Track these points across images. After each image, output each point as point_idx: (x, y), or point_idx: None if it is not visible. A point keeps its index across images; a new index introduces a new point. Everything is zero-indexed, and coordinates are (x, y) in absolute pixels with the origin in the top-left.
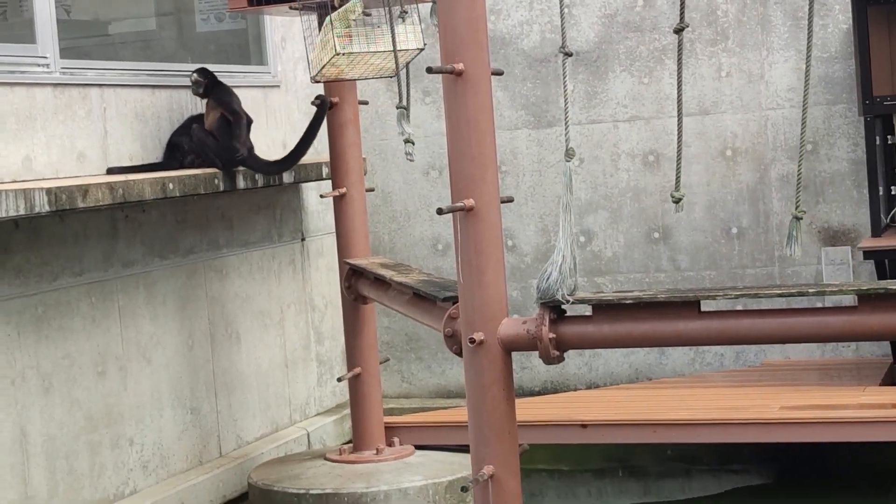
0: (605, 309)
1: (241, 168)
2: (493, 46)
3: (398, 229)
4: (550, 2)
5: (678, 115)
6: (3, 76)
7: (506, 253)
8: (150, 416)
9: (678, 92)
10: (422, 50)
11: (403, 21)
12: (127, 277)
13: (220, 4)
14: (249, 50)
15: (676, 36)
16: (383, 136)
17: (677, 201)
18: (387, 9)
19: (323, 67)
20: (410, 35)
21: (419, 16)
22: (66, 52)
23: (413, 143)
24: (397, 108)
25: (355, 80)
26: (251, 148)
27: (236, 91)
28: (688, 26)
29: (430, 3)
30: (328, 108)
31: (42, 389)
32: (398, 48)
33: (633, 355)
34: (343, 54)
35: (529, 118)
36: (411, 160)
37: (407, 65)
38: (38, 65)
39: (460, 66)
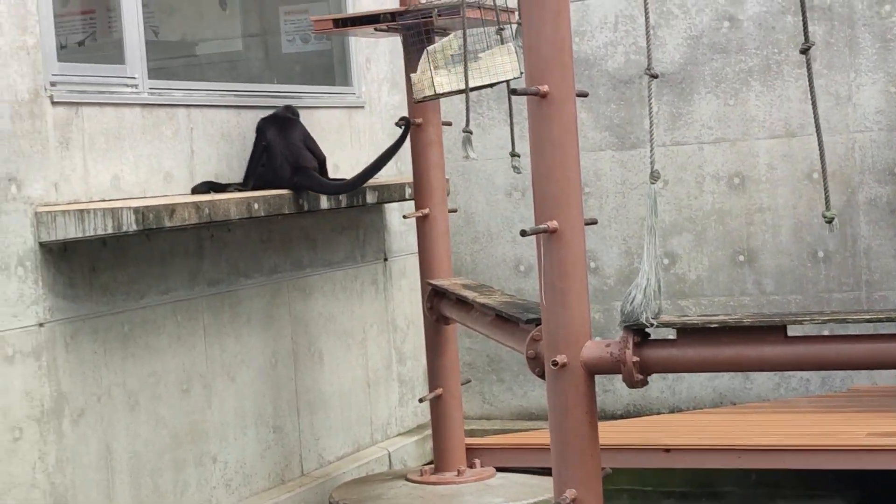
0: (689, 333)
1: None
2: (578, 68)
3: (480, 250)
4: (635, 23)
5: (817, 134)
6: (93, 96)
7: (589, 275)
8: (233, 434)
9: (814, 111)
10: (517, 77)
11: (499, 47)
12: (212, 296)
13: (305, 26)
14: (334, 71)
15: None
16: (462, 158)
17: (830, 220)
18: (467, 31)
19: (424, 98)
20: (507, 63)
21: (514, 40)
22: (154, 73)
23: (518, 156)
24: (463, 132)
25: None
26: (308, 168)
27: (321, 112)
28: (813, 44)
29: (516, 25)
30: (410, 127)
31: (128, 407)
32: (497, 80)
33: (718, 379)
34: (441, 94)
35: (613, 140)
36: (518, 172)
37: (508, 83)
38: (127, 85)
39: (545, 88)
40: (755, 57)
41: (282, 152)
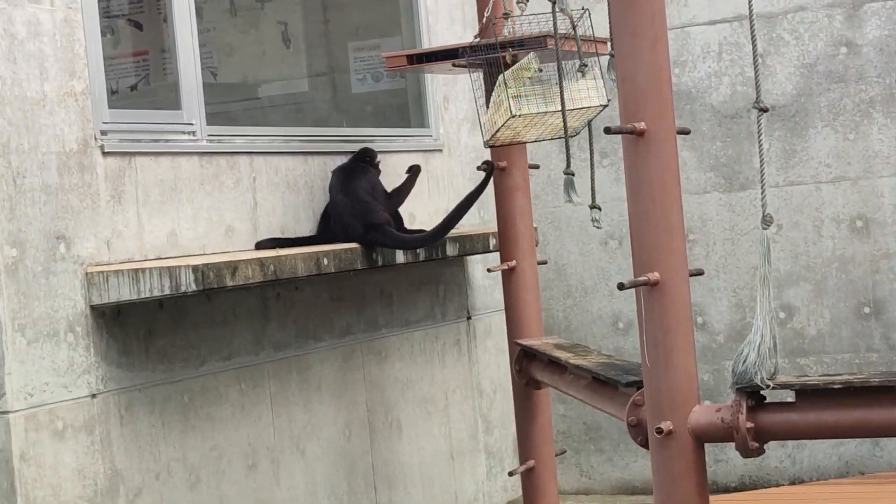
0: (810, 394)
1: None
2: (678, 102)
3: (574, 306)
4: (742, 51)
5: None
6: (147, 145)
7: (696, 331)
8: None
9: None
10: (605, 107)
11: (584, 75)
12: (279, 361)
13: (377, 63)
14: (409, 111)
15: (891, 86)
16: (556, 203)
17: None
18: (561, 63)
19: (497, 131)
20: (592, 91)
21: (601, 69)
22: (212, 118)
23: (599, 209)
24: (564, 173)
25: (532, 141)
26: (379, 224)
27: (396, 156)
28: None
29: (608, 56)
30: (492, 172)
31: (188, 485)
32: (579, 105)
33: (843, 446)
34: (518, 116)
35: (720, 180)
36: (598, 227)
37: (589, 123)
38: (184, 132)
39: (642, 125)
40: (877, 85)
41: (348, 210)
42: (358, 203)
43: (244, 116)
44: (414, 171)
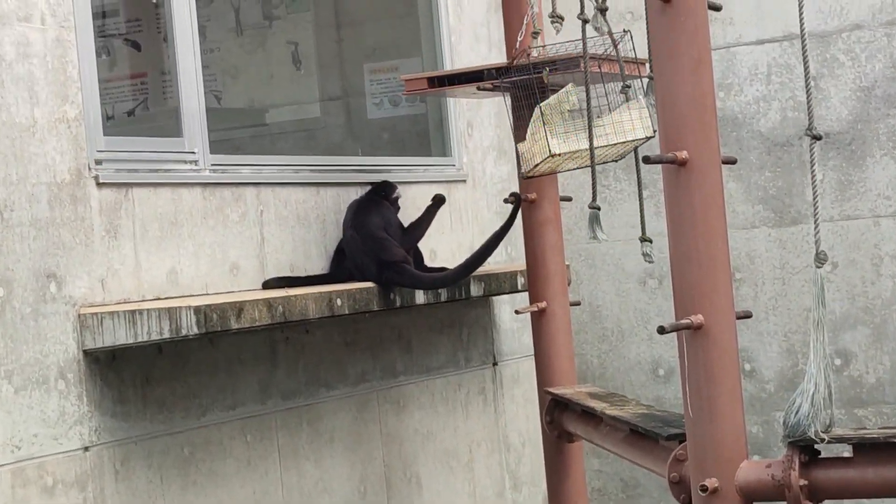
0: (868, 449)
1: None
2: (724, 129)
3: (610, 351)
4: (793, 73)
5: None
6: (145, 176)
7: (743, 380)
8: None
9: None
10: (651, 137)
11: (627, 100)
12: (287, 411)
13: (395, 86)
14: (430, 138)
15: None
16: (590, 239)
17: None
18: (590, 88)
19: (536, 166)
20: (637, 121)
21: (646, 95)
22: (216, 146)
23: (650, 241)
24: (589, 207)
25: (573, 169)
26: (396, 262)
27: (415, 187)
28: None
29: (647, 80)
30: (520, 204)
31: None
32: (622, 140)
33: None
34: (558, 154)
35: (769, 214)
36: (650, 261)
37: (635, 149)
38: (185, 161)
39: (684, 154)
40: None
41: (360, 248)
42: (371, 240)
43: (251, 144)
44: (437, 202)
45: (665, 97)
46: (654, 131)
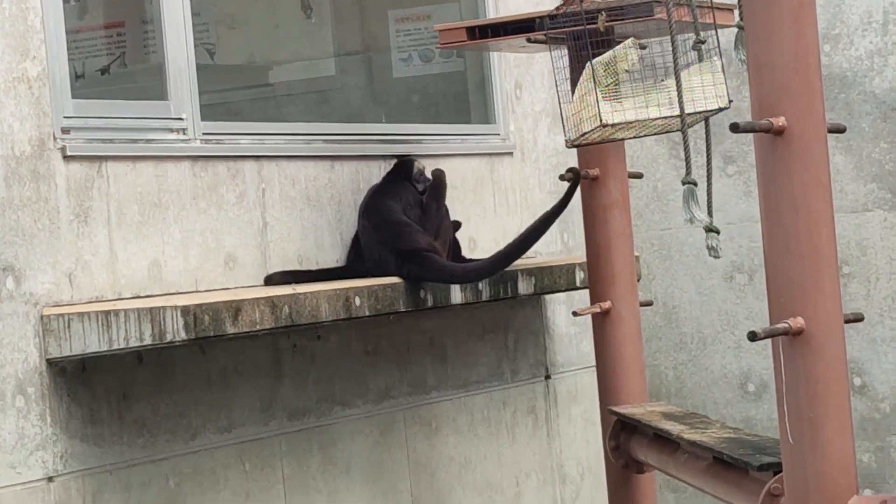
0: None
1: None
2: (829, 90)
3: (688, 361)
4: None
5: None
6: (123, 147)
7: (853, 397)
8: None
9: None
10: (724, 108)
11: (700, 60)
12: (295, 434)
13: (427, 39)
14: (469, 102)
15: None
16: (665, 225)
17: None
18: (677, 43)
19: (584, 134)
20: (709, 86)
21: (721, 55)
22: (209, 111)
23: (717, 232)
24: (683, 183)
25: (630, 138)
26: (419, 250)
27: (451, 161)
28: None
29: (736, 30)
30: (579, 182)
31: None
32: (693, 110)
33: None
34: (611, 125)
35: (885, 194)
36: (716, 257)
37: (706, 119)
38: (171, 129)
39: (781, 121)
40: None
41: (374, 238)
42: (385, 227)
43: (251, 109)
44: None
45: (759, 53)
46: (730, 101)
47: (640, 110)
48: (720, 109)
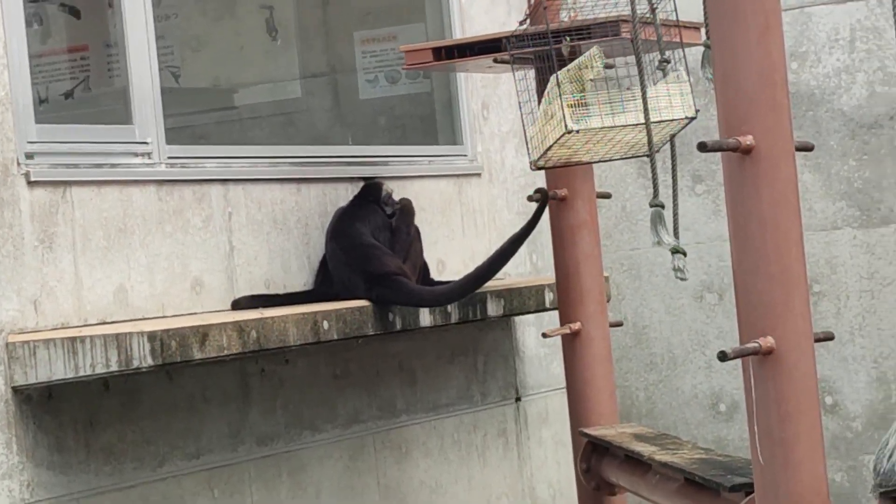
0: None
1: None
2: (797, 107)
3: (659, 382)
4: (882, 38)
5: None
6: (87, 172)
7: (824, 416)
8: None
9: None
10: (692, 119)
11: (665, 76)
12: (264, 459)
13: (393, 59)
14: (436, 123)
15: None
16: (634, 244)
17: None
18: (641, 56)
19: (549, 149)
20: (675, 97)
21: (687, 69)
22: (174, 135)
23: (684, 254)
24: (651, 206)
25: (594, 162)
26: (388, 274)
27: (419, 183)
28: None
29: (703, 49)
30: (547, 203)
31: None
32: (658, 119)
33: None
34: (577, 132)
35: (853, 212)
36: (682, 279)
37: (672, 138)
38: (136, 153)
39: (749, 140)
40: None
41: (342, 261)
42: (355, 250)
43: (216, 132)
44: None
45: (726, 70)
46: (696, 111)
47: (606, 117)
48: (688, 119)
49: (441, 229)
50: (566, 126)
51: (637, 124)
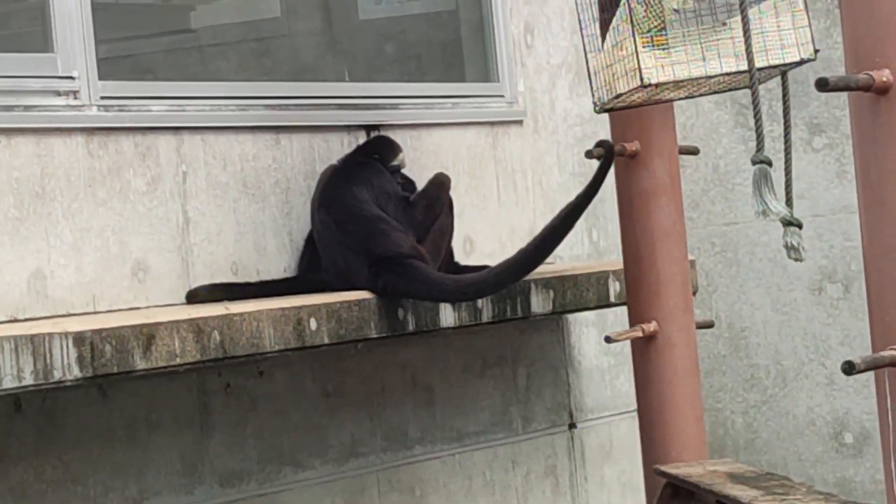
0: None
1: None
2: None
3: (763, 403)
4: None
5: None
6: None
7: None
8: None
9: None
10: (809, 60)
11: (774, 3)
12: None
13: None
14: (463, 52)
15: None
16: (730, 217)
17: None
18: None
19: (619, 96)
20: (788, 31)
21: None
22: (109, 68)
23: (799, 226)
24: (754, 162)
25: (680, 99)
26: (401, 255)
27: (438, 132)
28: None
29: None
30: (612, 161)
31: None
32: (767, 62)
33: None
34: (655, 85)
35: None
36: (797, 259)
37: (783, 74)
38: (58, 92)
39: (885, 76)
40: None
41: (337, 239)
42: (354, 223)
43: (166, 64)
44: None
45: None
46: (816, 51)
47: (694, 64)
48: (803, 61)
49: (469, 196)
50: (641, 78)
51: (736, 73)
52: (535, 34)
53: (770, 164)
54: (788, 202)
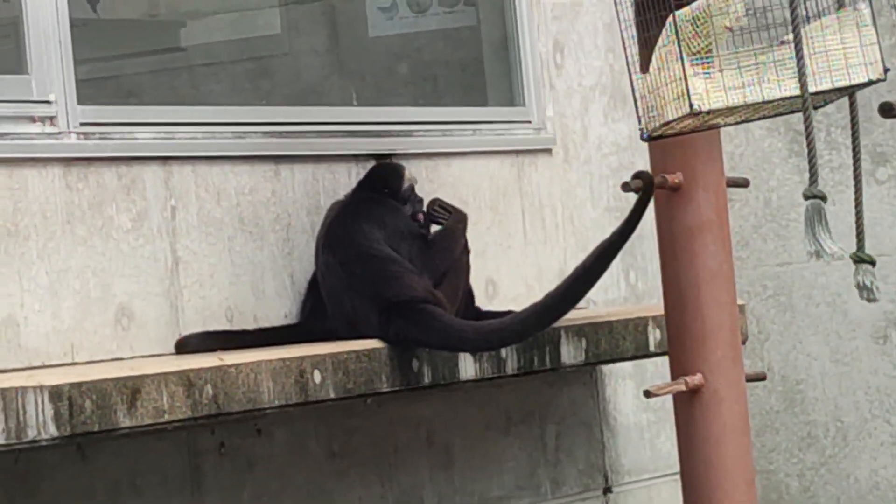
0: None
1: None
2: None
3: (822, 465)
4: None
5: None
6: None
7: None
8: None
9: None
10: (878, 81)
11: (839, 15)
12: None
13: None
14: (485, 74)
15: None
16: (784, 257)
17: None
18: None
19: (668, 123)
20: (854, 48)
21: (872, 5)
22: (90, 91)
23: (872, 264)
24: (806, 196)
25: (732, 124)
26: (413, 300)
27: (458, 163)
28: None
29: None
30: (652, 194)
31: None
32: (831, 85)
33: None
34: (706, 113)
35: None
36: (870, 299)
37: (851, 95)
38: (33, 118)
39: None
40: None
41: (346, 284)
42: (363, 265)
43: (153, 87)
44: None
45: None
46: (886, 70)
47: (749, 88)
48: (871, 82)
49: (492, 234)
50: (690, 104)
51: (795, 97)
52: (565, 53)
53: (825, 198)
54: (860, 237)
